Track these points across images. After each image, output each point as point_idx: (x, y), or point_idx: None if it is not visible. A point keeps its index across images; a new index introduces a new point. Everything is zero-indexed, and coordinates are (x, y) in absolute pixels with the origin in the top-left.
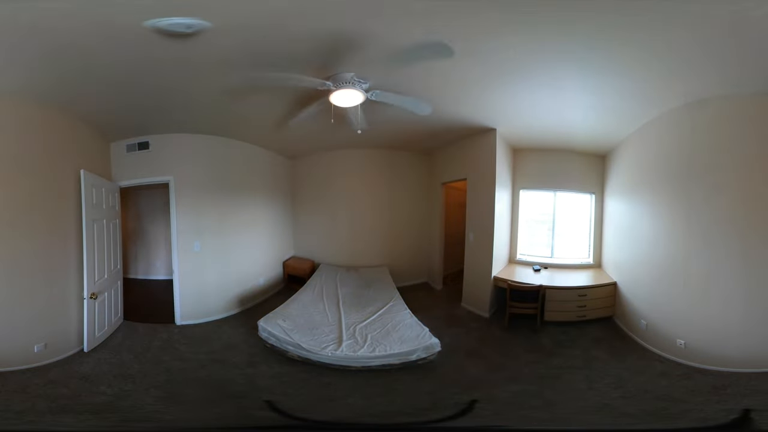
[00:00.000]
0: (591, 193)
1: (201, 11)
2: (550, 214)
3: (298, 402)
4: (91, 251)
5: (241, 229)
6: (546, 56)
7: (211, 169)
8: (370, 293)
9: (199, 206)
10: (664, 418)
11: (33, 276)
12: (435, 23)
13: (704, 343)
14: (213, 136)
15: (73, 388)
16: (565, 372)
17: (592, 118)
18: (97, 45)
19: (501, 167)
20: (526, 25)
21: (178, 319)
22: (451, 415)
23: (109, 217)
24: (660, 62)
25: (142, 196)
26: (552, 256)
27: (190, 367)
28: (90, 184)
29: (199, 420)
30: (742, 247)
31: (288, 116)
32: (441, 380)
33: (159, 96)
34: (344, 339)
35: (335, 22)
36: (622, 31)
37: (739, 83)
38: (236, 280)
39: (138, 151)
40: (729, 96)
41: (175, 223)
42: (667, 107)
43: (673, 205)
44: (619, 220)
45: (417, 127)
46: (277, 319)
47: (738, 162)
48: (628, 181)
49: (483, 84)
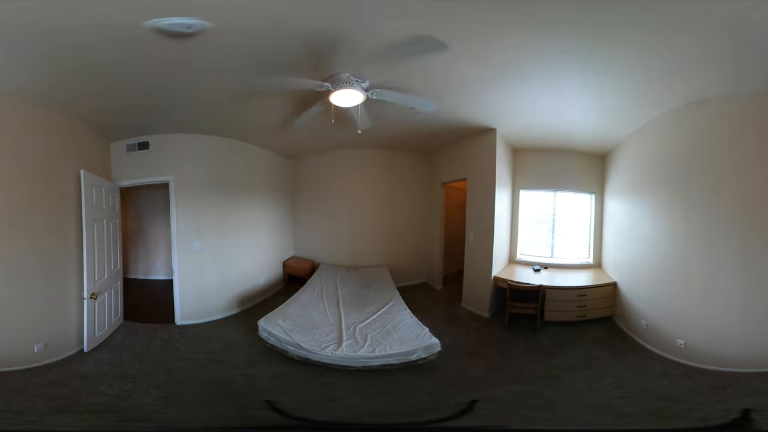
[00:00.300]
0: (591, 193)
1: (201, 11)
2: (550, 214)
3: (298, 402)
4: (91, 251)
5: (241, 229)
6: (546, 56)
7: (211, 169)
8: (370, 293)
9: (199, 206)
10: (664, 418)
11: (33, 276)
12: (435, 23)
13: (704, 343)
14: (213, 136)
15: (73, 388)
16: (565, 372)
17: (592, 118)
18: (97, 45)
19: (501, 167)
20: (526, 25)
21: (178, 319)
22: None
23: (109, 217)
24: (660, 62)
25: (142, 196)
26: (552, 256)
27: (190, 367)
28: (90, 184)
29: (199, 420)
30: (742, 247)
31: (289, 117)
32: (441, 380)
33: (159, 96)
34: (344, 339)
35: (333, 22)
36: (622, 31)
37: (738, 83)
38: (236, 280)
39: (138, 151)
40: (729, 96)
41: (175, 223)
42: (667, 107)
43: (673, 205)
44: (619, 220)
45: (417, 127)
46: (277, 319)
47: (738, 162)
48: (628, 181)
49: (483, 84)
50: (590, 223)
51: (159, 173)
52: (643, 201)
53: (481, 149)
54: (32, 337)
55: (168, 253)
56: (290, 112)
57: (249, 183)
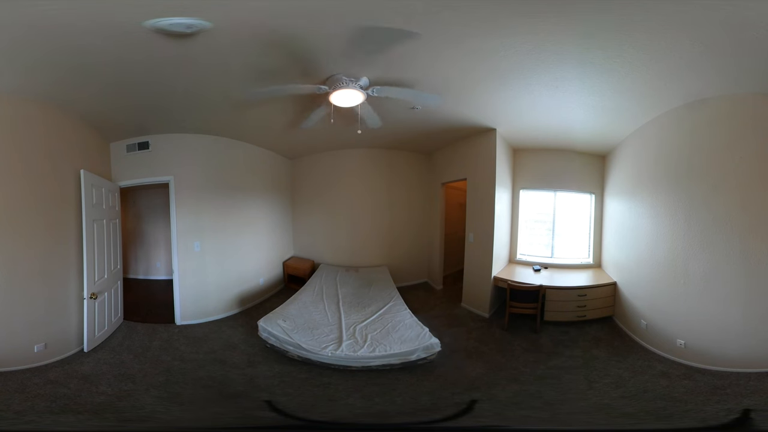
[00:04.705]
0: (591, 193)
1: (201, 11)
2: (550, 214)
3: (298, 402)
4: (91, 251)
5: (241, 229)
6: (546, 56)
7: (211, 169)
8: (370, 293)
9: (199, 206)
10: (664, 418)
11: (33, 276)
12: (435, 23)
13: (704, 343)
14: (213, 136)
15: (73, 388)
16: (565, 372)
17: (592, 118)
18: (97, 45)
19: (501, 167)
20: (526, 25)
21: (178, 319)
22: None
23: (109, 217)
24: (660, 62)
25: (142, 196)
26: (552, 256)
27: (190, 367)
28: (90, 184)
29: (199, 420)
30: (742, 248)
31: (293, 120)
32: (441, 380)
33: (159, 96)
34: (344, 339)
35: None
36: (622, 32)
37: (738, 83)
38: (236, 280)
39: (138, 151)
40: (729, 96)
41: (175, 223)
42: (667, 107)
43: (673, 205)
44: (619, 219)
45: (417, 127)
46: (277, 319)
47: (738, 162)
48: (628, 181)
49: (483, 84)
50: (590, 223)
51: (159, 173)
52: (643, 201)
53: (481, 149)
54: (32, 337)
55: (168, 253)
56: (294, 116)
57: (249, 183)
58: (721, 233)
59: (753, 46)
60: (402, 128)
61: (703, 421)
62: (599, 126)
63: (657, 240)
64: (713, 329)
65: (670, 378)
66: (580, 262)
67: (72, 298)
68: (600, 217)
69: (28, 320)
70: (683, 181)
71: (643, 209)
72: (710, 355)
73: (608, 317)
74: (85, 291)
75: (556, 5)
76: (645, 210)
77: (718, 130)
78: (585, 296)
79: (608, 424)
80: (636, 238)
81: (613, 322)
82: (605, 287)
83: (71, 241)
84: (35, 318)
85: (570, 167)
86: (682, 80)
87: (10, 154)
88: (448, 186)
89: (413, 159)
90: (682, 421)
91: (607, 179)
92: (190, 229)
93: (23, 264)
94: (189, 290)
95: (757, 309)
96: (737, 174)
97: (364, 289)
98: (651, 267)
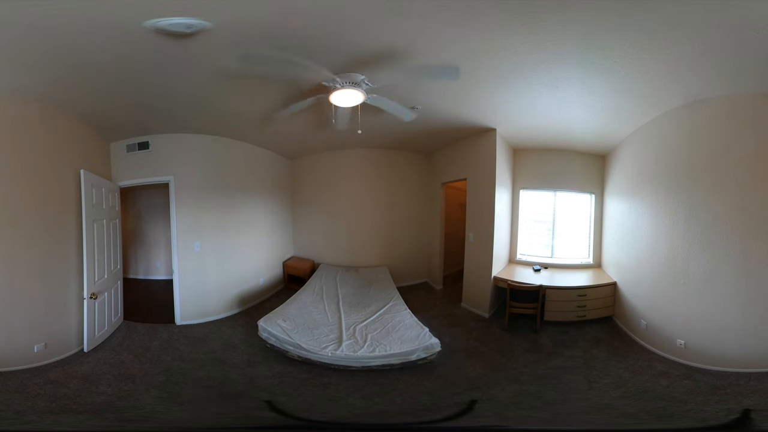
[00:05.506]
0: (591, 193)
1: (201, 11)
2: (550, 214)
3: (298, 402)
4: (91, 251)
5: (241, 229)
6: (546, 57)
7: (211, 169)
8: (370, 293)
9: (199, 206)
10: (664, 418)
11: (33, 276)
12: (435, 23)
13: (704, 343)
14: (213, 136)
15: (73, 388)
16: (565, 372)
17: (592, 118)
18: (97, 44)
19: (501, 167)
20: (526, 25)
21: (178, 319)
22: (451, 415)
23: (109, 217)
24: (660, 62)
25: (142, 196)
26: (552, 256)
27: (190, 367)
28: (90, 184)
29: (199, 420)
30: (742, 247)
31: (281, 105)
32: (441, 380)
33: (159, 96)
34: (344, 339)
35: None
36: (622, 32)
37: (738, 83)
38: (236, 280)
39: (138, 151)
40: (729, 96)
41: (175, 223)
42: (667, 107)
43: (673, 205)
44: (619, 219)
45: (417, 127)
46: (277, 319)
47: (738, 162)
48: (628, 181)
49: (483, 84)
50: (590, 223)
51: (159, 173)
52: (643, 201)
53: (481, 149)
54: (32, 337)
55: (168, 253)
56: (283, 101)
57: (249, 183)
58: (721, 233)
59: (753, 46)
60: (402, 128)
61: (703, 421)
62: (599, 126)
63: (657, 240)
64: (713, 329)
65: (670, 378)
66: (580, 262)
67: (72, 298)
68: (600, 217)
69: (28, 320)
70: (683, 181)
71: (643, 209)
72: (710, 355)
73: (608, 317)
74: (85, 291)
75: (557, 5)
76: (645, 210)
77: (718, 130)
78: (585, 296)
79: (608, 424)
80: (636, 238)
81: (613, 322)
82: (605, 287)
83: (71, 241)
84: (35, 318)
85: (570, 167)
86: (682, 80)
87: (10, 154)
88: (448, 186)
89: (413, 159)
90: (682, 421)
91: (607, 179)
92: (190, 229)
93: (23, 264)
94: (189, 290)
95: (757, 309)
96: (737, 174)
97: (364, 289)
98: (651, 267)
